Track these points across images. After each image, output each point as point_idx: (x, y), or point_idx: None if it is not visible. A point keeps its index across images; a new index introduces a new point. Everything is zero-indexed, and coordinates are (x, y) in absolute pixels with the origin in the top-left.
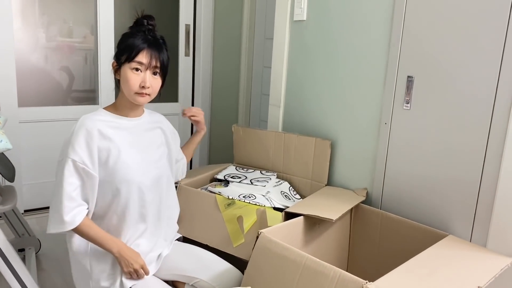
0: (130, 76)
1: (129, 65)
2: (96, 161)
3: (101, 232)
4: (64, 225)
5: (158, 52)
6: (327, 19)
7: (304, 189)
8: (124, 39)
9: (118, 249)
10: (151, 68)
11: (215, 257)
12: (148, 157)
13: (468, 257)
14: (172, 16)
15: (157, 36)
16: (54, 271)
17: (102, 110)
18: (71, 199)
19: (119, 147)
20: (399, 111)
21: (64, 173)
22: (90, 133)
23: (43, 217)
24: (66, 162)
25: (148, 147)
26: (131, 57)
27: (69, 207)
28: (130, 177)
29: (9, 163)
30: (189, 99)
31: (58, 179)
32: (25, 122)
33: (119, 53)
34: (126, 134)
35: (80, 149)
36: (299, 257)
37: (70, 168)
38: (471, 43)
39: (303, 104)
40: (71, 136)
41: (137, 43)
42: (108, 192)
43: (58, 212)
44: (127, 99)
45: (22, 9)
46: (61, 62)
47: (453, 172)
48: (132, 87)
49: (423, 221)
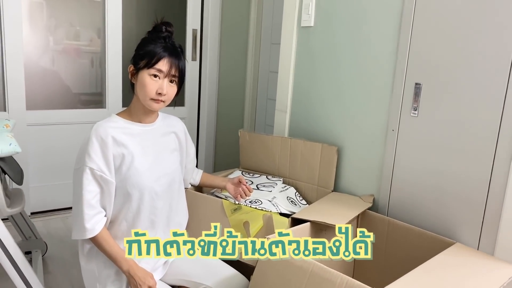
0: (147, 82)
1: (148, 71)
2: (112, 168)
3: (116, 248)
4: (86, 232)
5: (177, 61)
6: (335, 26)
7: (310, 194)
8: (144, 44)
9: (128, 267)
10: (169, 76)
11: (221, 263)
12: (161, 163)
13: (475, 266)
14: (180, 20)
15: (176, 45)
16: (60, 273)
17: (116, 116)
18: (91, 207)
19: (132, 154)
20: (407, 118)
21: (83, 182)
22: (104, 141)
23: (50, 219)
24: (84, 171)
25: (161, 153)
26: (151, 64)
27: (89, 214)
28: (141, 184)
29: (17, 166)
30: (196, 104)
31: (77, 187)
32: (32, 125)
33: (138, 58)
34: (139, 140)
35: (96, 156)
36: (305, 264)
37: (88, 176)
38: (479, 50)
39: (310, 109)
40: (87, 144)
41: (158, 51)
42: (120, 197)
43: (80, 220)
44: (142, 104)
45: (30, 12)
46: (68, 65)
47: (461, 180)
48: (149, 93)
49: (430, 228)
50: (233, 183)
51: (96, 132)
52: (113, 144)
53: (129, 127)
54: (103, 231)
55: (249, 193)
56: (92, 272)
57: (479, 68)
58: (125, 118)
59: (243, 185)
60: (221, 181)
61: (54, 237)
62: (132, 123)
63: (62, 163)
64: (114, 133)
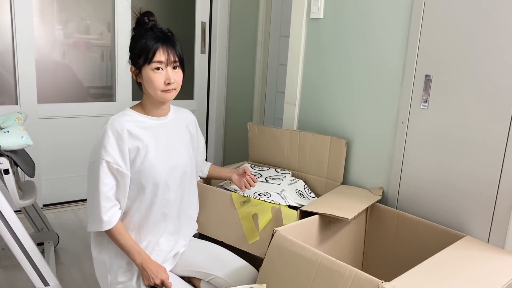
0: (153, 77)
1: (149, 66)
2: (127, 161)
3: (130, 241)
4: (103, 224)
5: (172, 46)
6: (344, 17)
7: (319, 187)
8: (135, 42)
9: (141, 261)
10: (171, 64)
11: (231, 254)
12: (174, 156)
13: (485, 259)
14: (189, 13)
15: (165, 31)
16: (72, 265)
17: (130, 110)
18: (107, 199)
19: (147, 147)
20: (417, 110)
21: (99, 174)
22: (120, 134)
23: (62, 211)
24: (100, 164)
25: (174, 146)
26: (149, 58)
27: (106, 207)
28: (155, 177)
29: (29, 159)
30: (205, 96)
31: (93, 180)
32: (44, 118)
33: (135, 57)
34: (153, 134)
35: (112, 150)
36: (314, 256)
37: (105, 169)
38: (490, 41)
39: (319, 102)
40: (102, 138)
41: (150, 44)
42: (133, 190)
43: (96, 212)
44: (153, 99)
45: (41, 6)
46: (79, 59)
47: (471, 172)
48: (158, 86)
49: (440, 221)
50: (238, 174)
51: (112, 126)
52: (128, 137)
53: (143, 121)
54: (119, 224)
55: (253, 183)
56: (103, 262)
57: (491, 60)
58: (139, 111)
59: (247, 176)
60: (227, 172)
61: (66, 229)
62: (146, 116)
63: (73, 155)
64: (129, 126)
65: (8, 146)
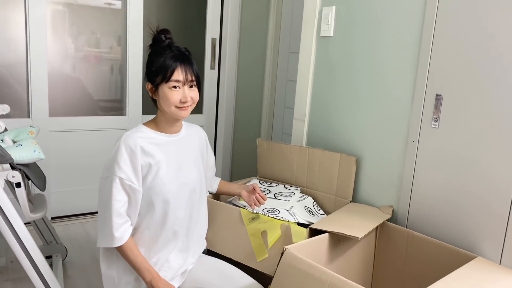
0: (170, 95)
1: (166, 84)
2: (140, 177)
3: (140, 258)
4: (114, 241)
5: (190, 65)
6: (354, 36)
7: (328, 204)
8: (153, 59)
9: (151, 278)
10: (188, 83)
11: (239, 271)
12: (183, 173)
13: (497, 280)
14: (199, 29)
15: (182, 50)
16: (79, 278)
17: (143, 126)
18: (119, 216)
19: (158, 164)
20: (427, 129)
21: (112, 191)
22: (133, 151)
23: (70, 224)
24: (113, 180)
25: (184, 163)
26: (167, 77)
27: (118, 223)
28: (165, 194)
29: (41, 173)
30: (214, 111)
31: (105, 196)
32: (55, 131)
33: (152, 75)
34: (164, 150)
35: (125, 166)
36: (324, 275)
37: (118, 186)
38: (502, 61)
39: (328, 119)
40: (116, 154)
41: (169, 63)
42: (143, 206)
43: (108, 228)
44: (167, 116)
45: (53, 21)
46: (89, 72)
47: (482, 192)
48: (173, 103)
49: (451, 241)
50: (247, 191)
51: (125, 142)
52: (141, 154)
53: (155, 137)
54: (130, 240)
55: (262, 201)
56: (111, 278)
57: (502, 80)
58: (152, 128)
59: (257, 193)
60: (236, 188)
61: (74, 242)
62: (158, 133)
63: (83, 169)
64: (142, 143)
65: (21, 159)
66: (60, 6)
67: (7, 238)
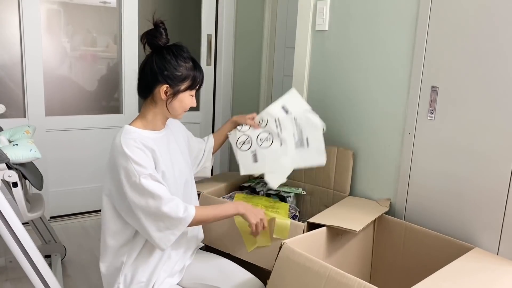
0: (188, 102)
1: (190, 92)
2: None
3: (218, 209)
4: (186, 219)
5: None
6: (349, 29)
7: (326, 199)
8: (177, 64)
9: (237, 206)
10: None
11: (237, 266)
12: (177, 167)
13: (495, 271)
14: (194, 26)
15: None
16: (79, 277)
17: (131, 127)
18: (171, 199)
19: (158, 158)
20: (424, 121)
21: (152, 188)
22: (141, 148)
23: (69, 223)
24: (144, 180)
25: (174, 157)
26: (194, 87)
27: (172, 207)
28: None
29: (37, 172)
30: (210, 108)
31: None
32: (51, 131)
33: (177, 80)
34: (159, 146)
35: (145, 163)
36: (322, 269)
37: (151, 182)
38: (497, 52)
39: (325, 113)
40: (127, 161)
41: (198, 75)
42: None
43: (172, 216)
44: (161, 115)
45: (48, 20)
46: (85, 71)
47: (479, 183)
48: (186, 108)
49: (448, 233)
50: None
51: (127, 145)
52: (145, 148)
53: (148, 136)
54: (195, 209)
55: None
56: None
57: (498, 70)
58: (139, 127)
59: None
60: (225, 126)
61: (73, 241)
62: (147, 131)
63: (80, 167)
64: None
65: (17, 159)
66: (55, 6)
67: (5, 239)
